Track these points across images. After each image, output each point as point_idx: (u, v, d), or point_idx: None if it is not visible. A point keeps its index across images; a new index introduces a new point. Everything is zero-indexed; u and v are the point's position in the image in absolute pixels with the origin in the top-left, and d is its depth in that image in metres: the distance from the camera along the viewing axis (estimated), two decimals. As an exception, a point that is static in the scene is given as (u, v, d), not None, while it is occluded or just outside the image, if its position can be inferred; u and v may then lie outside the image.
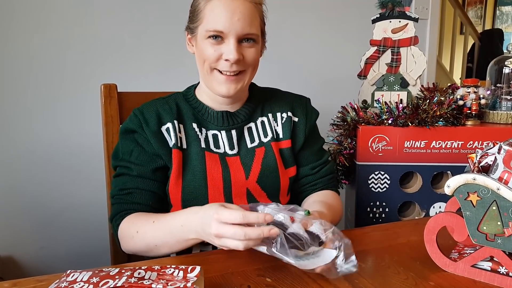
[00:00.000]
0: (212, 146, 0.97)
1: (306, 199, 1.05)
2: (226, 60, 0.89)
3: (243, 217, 0.70)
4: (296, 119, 1.05)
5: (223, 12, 0.87)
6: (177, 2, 1.67)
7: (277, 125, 1.03)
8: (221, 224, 0.71)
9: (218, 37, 0.89)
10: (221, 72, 0.92)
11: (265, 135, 1.01)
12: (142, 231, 0.86)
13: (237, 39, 0.89)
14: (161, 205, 0.96)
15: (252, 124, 1.02)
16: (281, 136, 1.03)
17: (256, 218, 0.69)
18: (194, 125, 0.97)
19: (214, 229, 0.71)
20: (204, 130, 0.98)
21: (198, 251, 0.92)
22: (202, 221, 0.75)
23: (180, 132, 0.96)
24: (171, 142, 0.94)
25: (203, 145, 0.96)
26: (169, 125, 0.95)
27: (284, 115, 1.04)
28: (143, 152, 0.94)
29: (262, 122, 1.03)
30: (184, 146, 0.96)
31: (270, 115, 1.04)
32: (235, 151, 0.98)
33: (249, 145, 1.00)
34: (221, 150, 0.97)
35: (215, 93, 0.96)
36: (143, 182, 0.93)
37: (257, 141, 1.01)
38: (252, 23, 0.90)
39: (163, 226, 0.84)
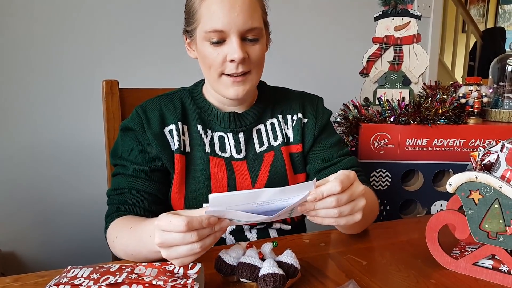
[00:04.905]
0: (217, 150, 0.92)
1: None
2: (231, 61, 0.83)
3: (186, 224, 0.59)
4: (305, 120, 0.99)
5: (220, 9, 0.81)
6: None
7: (287, 128, 0.98)
8: (164, 232, 0.62)
9: (219, 37, 0.82)
10: (228, 75, 0.86)
11: (275, 139, 0.96)
12: (120, 236, 0.80)
13: (240, 36, 0.83)
14: (157, 207, 0.89)
15: (261, 126, 0.96)
16: (291, 139, 0.97)
17: (199, 223, 0.60)
18: (199, 127, 0.92)
19: (157, 238, 0.62)
20: (209, 132, 0.93)
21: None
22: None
23: (183, 134, 0.91)
24: (174, 145, 0.90)
25: (207, 149, 0.91)
26: (172, 126, 0.90)
27: (295, 117, 0.98)
28: (143, 151, 0.89)
29: (272, 124, 0.97)
30: (188, 149, 0.91)
31: (280, 116, 0.98)
32: (242, 155, 0.93)
33: (258, 149, 0.94)
34: (227, 154, 0.92)
35: (223, 97, 0.90)
36: (137, 182, 0.88)
37: (266, 145, 0.95)
38: (253, 16, 0.83)
39: (136, 234, 0.76)
